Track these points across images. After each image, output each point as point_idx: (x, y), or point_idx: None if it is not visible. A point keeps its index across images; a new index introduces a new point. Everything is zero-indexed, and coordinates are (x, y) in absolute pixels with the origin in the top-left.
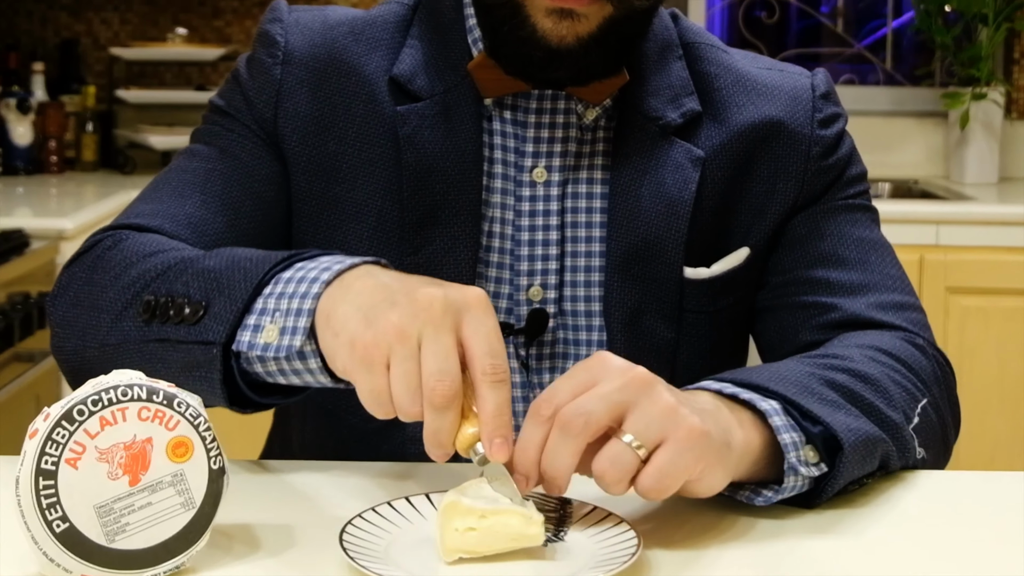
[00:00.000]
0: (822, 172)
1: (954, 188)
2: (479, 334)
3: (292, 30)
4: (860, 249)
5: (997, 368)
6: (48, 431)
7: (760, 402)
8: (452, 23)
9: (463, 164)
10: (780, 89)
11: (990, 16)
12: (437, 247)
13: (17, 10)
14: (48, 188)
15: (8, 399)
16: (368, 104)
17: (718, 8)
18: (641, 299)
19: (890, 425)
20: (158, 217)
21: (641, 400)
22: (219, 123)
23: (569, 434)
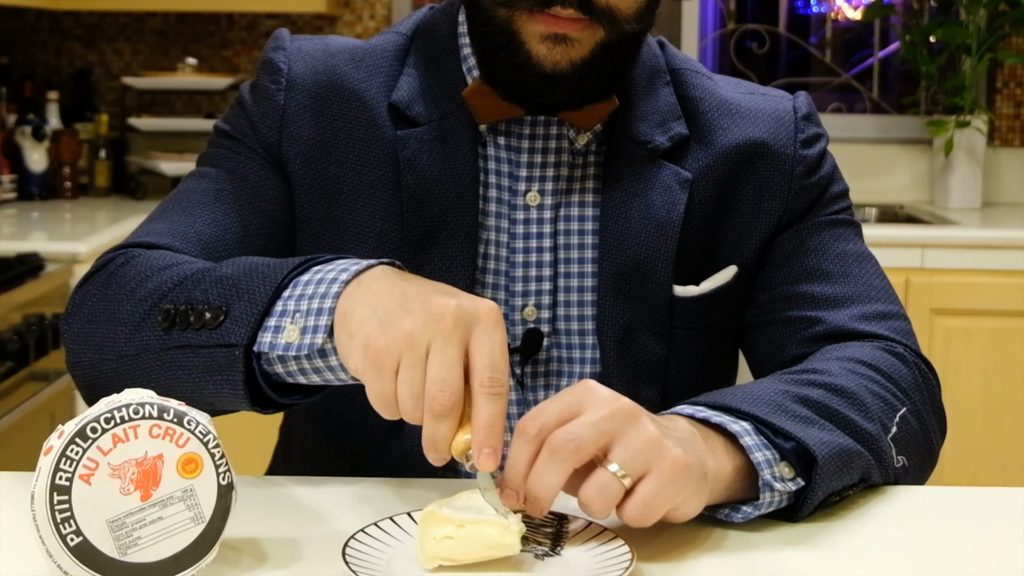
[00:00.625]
0: (805, 190)
1: (939, 213)
2: (484, 347)
3: (295, 57)
4: (843, 262)
5: (980, 386)
6: (62, 448)
7: (731, 424)
8: (447, 52)
9: (460, 187)
10: (763, 112)
11: (973, 47)
12: (435, 267)
13: (32, 41)
14: (62, 213)
15: (23, 417)
16: (369, 128)
17: (710, 39)
18: (633, 317)
19: (866, 437)
20: (168, 235)
21: (627, 431)
22: (225, 146)
23: (558, 458)
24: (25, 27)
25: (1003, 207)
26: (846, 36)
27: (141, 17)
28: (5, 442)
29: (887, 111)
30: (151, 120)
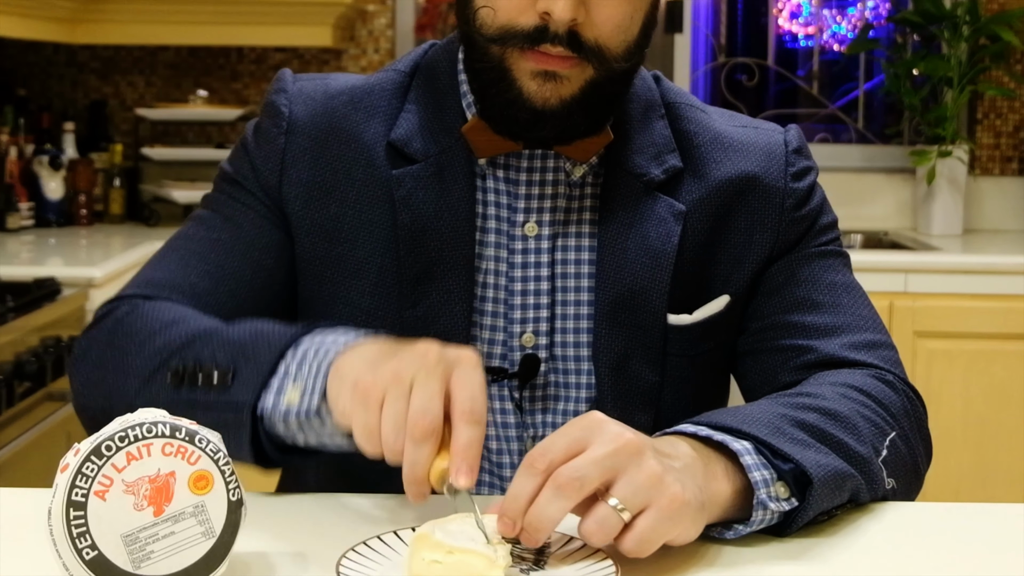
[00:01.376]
0: (796, 222)
1: (921, 239)
2: (464, 384)
3: (296, 100)
4: (833, 293)
5: (962, 407)
6: (78, 465)
7: (732, 443)
8: (447, 89)
9: (456, 222)
10: (755, 145)
11: (955, 79)
12: (434, 300)
13: (50, 73)
14: (78, 239)
15: (40, 435)
16: (366, 169)
17: (702, 71)
18: (627, 345)
19: (858, 459)
20: (164, 288)
21: (630, 467)
22: (227, 191)
23: (562, 494)
24: (43, 60)
25: (984, 234)
26: (832, 69)
27: (154, 51)
28: (23, 460)
29: (872, 141)
30: (164, 150)
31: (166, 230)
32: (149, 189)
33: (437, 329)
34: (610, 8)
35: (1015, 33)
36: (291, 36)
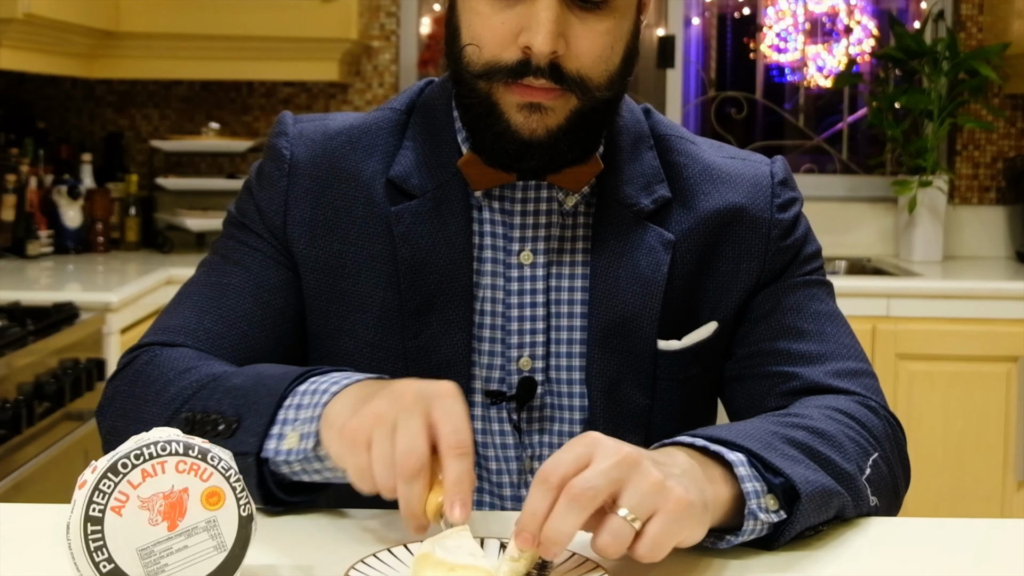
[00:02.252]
0: (781, 252)
1: (903, 265)
2: (447, 417)
3: (296, 143)
4: (817, 321)
5: (942, 426)
6: (96, 482)
7: (728, 454)
8: (443, 125)
9: (454, 255)
10: (742, 177)
11: (935, 112)
12: (435, 330)
13: (68, 107)
14: (95, 266)
15: (59, 453)
16: (366, 206)
17: (693, 105)
18: (619, 369)
19: (845, 476)
20: (182, 333)
21: (633, 477)
22: (235, 236)
23: (577, 505)
24: (61, 94)
25: (963, 260)
26: (818, 102)
27: (168, 85)
28: (42, 477)
29: (855, 172)
30: (177, 180)
31: (180, 257)
32: (163, 217)
33: (439, 358)
34: (590, 40)
35: (992, 68)
36: (299, 71)
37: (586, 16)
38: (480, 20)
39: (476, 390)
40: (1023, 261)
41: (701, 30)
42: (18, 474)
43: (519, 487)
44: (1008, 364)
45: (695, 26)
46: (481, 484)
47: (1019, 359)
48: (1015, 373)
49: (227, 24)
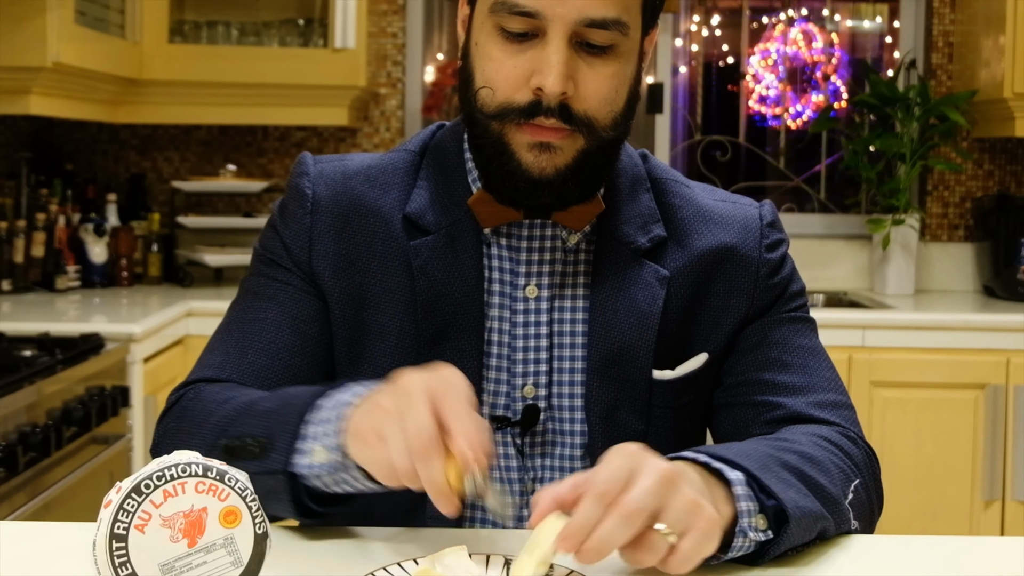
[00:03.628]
0: (769, 289)
1: (877, 298)
2: (448, 389)
3: (318, 182)
4: (801, 355)
5: (914, 449)
6: (120, 502)
7: (728, 472)
8: (455, 166)
9: (467, 287)
10: (733, 219)
11: (907, 155)
12: (448, 358)
13: (94, 150)
14: (120, 299)
15: (86, 475)
16: (385, 241)
17: (680, 148)
18: (616, 397)
19: (831, 500)
20: (226, 368)
21: (672, 496)
22: (265, 273)
23: (629, 523)
24: (88, 138)
25: (933, 293)
26: (797, 146)
27: (188, 129)
28: (70, 497)
29: (833, 211)
30: (197, 218)
31: (199, 290)
32: (183, 253)
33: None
34: (596, 83)
35: (961, 114)
36: (311, 116)
37: (593, 60)
38: (494, 65)
39: (483, 415)
40: (990, 295)
41: (688, 78)
42: (47, 494)
43: (521, 508)
44: (976, 391)
45: (682, 74)
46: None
47: (986, 387)
48: (982, 400)
49: (243, 72)
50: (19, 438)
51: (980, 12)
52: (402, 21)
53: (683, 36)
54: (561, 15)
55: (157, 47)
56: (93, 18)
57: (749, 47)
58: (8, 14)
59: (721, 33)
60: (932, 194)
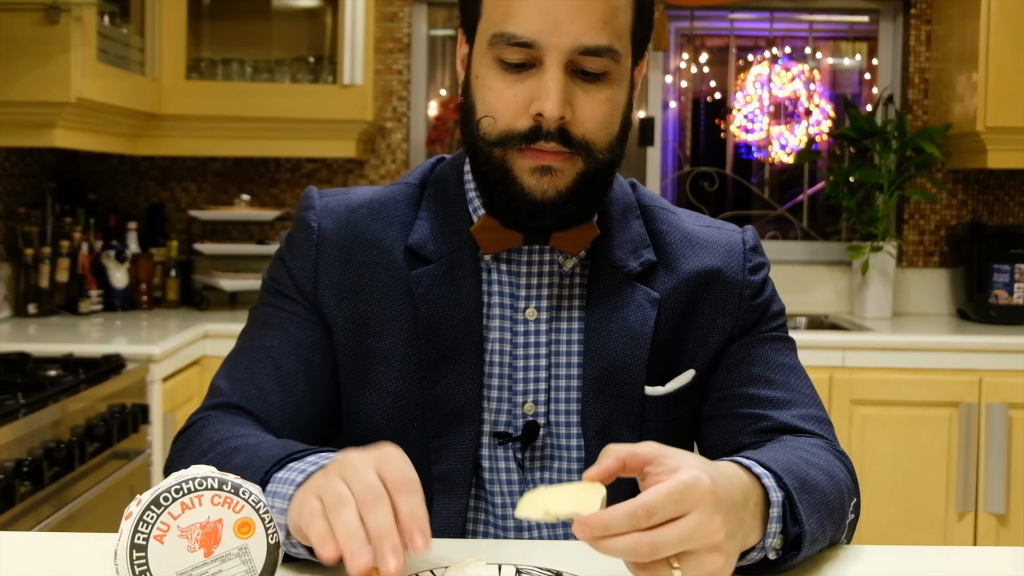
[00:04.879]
0: (752, 310)
1: (857, 321)
2: (390, 462)
3: (323, 215)
4: (783, 372)
5: (891, 463)
6: (140, 514)
7: (773, 493)
8: (455, 198)
9: (466, 313)
10: (718, 243)
11: (885, 185)
12: (449, 381)
13: (116, 181)
14: (140, 321)
15: (108, 488)
16: (388, 271)
17: (670, 179)
18: (611, 412)
19: (839, 523)
20: (235, 394)
21: (702, 545)
22: (272, 303)
23: (650, 554)
24: (110, 169)
25: (910, 316)
26: (781, 177)
27: (204, 161)
28: (92, 509)
29: (815, 238)
30: (213, 245)
31: (215, 313)
32: (200, 278)
33: (453, 404)
34: (592, 107)
35: (936, 146)
36: (321, 149)
37: (588, 87)
38: (494, 94)
39: (485, 432)
40: (964, 318)
41: (677, 112)
42: (71, 507)
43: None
44: (950, 409)
45: (672, 109)
46: (486, 516)
47: (960, 405)
48: (956, 417)
49: (257, 107)
50: (44, 453)
51: (954, 51)
52: (407, 59)
53: (673, 73)
54: (557, 44)
55: (175, 83)
56: (115, 56)
57: (735, 83)
58: (34, 52)
59: (709, 70)
60: (909, 222)
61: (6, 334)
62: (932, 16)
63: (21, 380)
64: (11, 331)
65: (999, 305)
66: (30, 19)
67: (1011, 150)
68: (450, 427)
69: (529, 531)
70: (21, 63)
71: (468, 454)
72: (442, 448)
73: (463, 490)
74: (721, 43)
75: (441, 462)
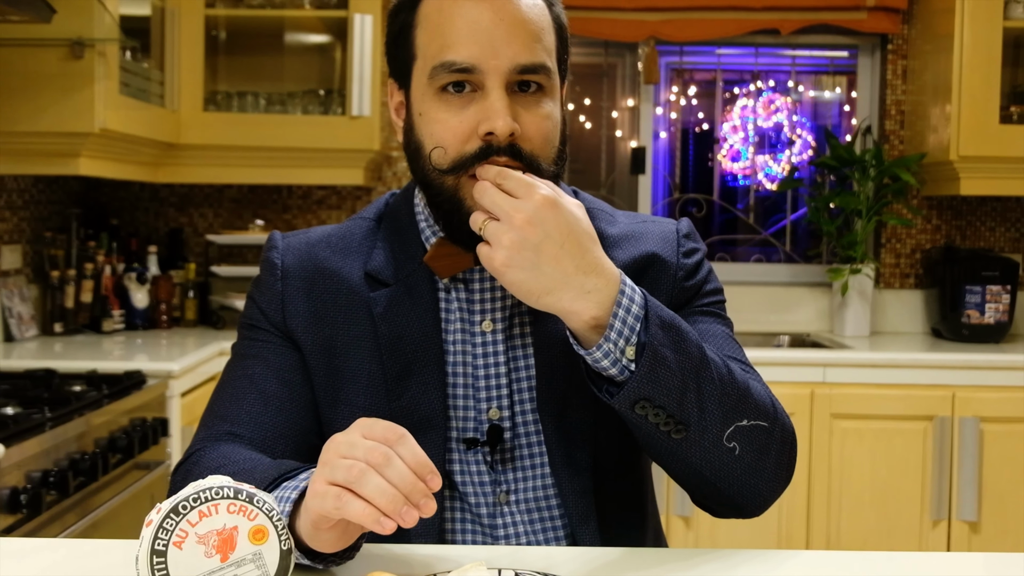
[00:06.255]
0: (686, 290)
1: (837, 340)
2: (390, 429)
3: (286, 253)
4: (717, 338)
5: (869, 474)
6: (160, 521)
7: (633, 291)
8: (408, 227)
9: (425, 328)
10: (654, 234)
11: (863, 211)
12: (414, 392)
13: (137, 207)
14: (160, 340)
15: (129, 497)
16: (348, 296)
17: (660, 205)
18: (565, 396)
19: (698, 372)
20: (227, 421)
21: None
22: (248, 336)
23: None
24: (131, 196)
25: (887, 335)
26: (765, 203)
27: (221, 188)
28: (115, 517)
29: (797, 261)
30: (228, 268)
31: (231, 332)
32: (217, 299)
33: (420, 414)
34: (536, 123)
35: (912, 174)
36: (330, 177)
37: (528, 103)
38: (441, 125)
39: (453, 438)
40: (938, 336)
41: (668, 142)
42: (95, 515)
43: (495, 516)
44: (925, 422)
45: (663, 139)
46: (464, 515)
47: (934, 418)
48: (931, 430)
49: (270, 137)
50: (70, 464)
51: (929, 84)
52: None
53: (663, 105)
54: (496, 66)
55: (193, 115)
56: (136, 89)
57: (722, 115)
58: (60, 86)
59: (697, 102)
60: (886, 246)
61: (33, 351)
62: (908, 51)
63: (48, 395)
64: (38, 349)
65: (971, 324)
66: (56, 55)
67: (982, 178)
68: (419, 435)
69: (505, 528)
70: (48, 96)
71: (438, 460)
72: None
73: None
74: (709, 77)
75: None
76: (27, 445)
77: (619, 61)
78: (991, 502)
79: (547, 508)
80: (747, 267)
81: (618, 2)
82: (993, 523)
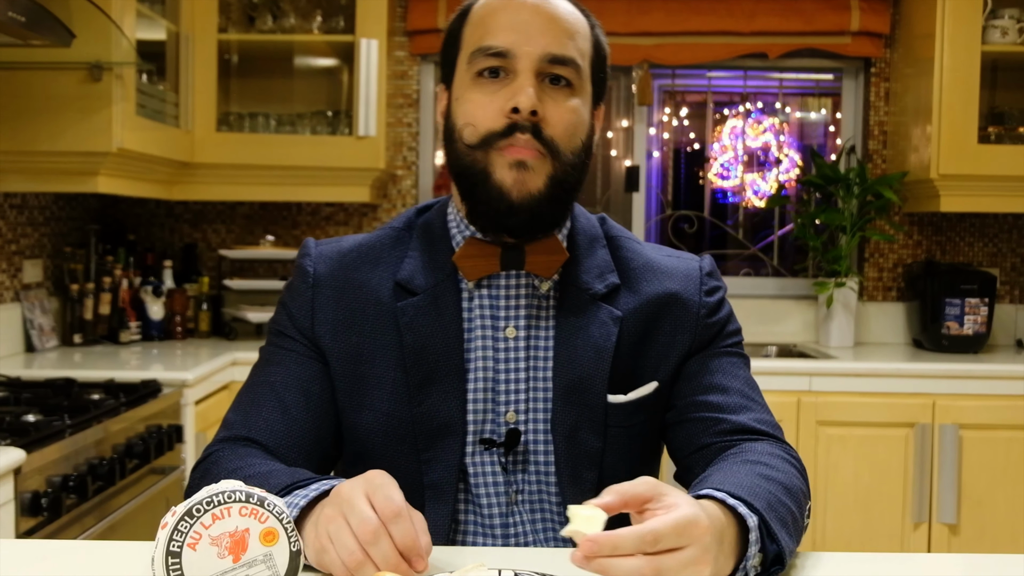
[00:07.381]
0: (708, 328)
1: (822, 350)
2: (378, 491)
3: (318, 261)
4: (738, 382)
5: (853, 479)
6: (175, 524)
7: (749, 518)
8: (441, 236)
9: (448, 339)
10: (677, 270)
11: (848, 227)
12: (435, 399)
13: (153, 223)
14: (174, 350)
15: (145, 501)
16: (376, 305)
17: (653, 221)
18: (577, 418)
19: (799, 531)
20: (244, 427)
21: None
22: (275, 343)
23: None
24: (147, 213)
25: (870, 346)
26: (754, 219)
27: (233, 205)
28: (131, 520)
29: (784, 274)
30: (241, 281)
31: (243, 343)
32: (229, 311)
33: (439, 420)
34: (560, 112)
35: (894, 192)
36: (338, 194)
37: (556, 94)
38: (474, 105)
39: (470, 442)
40: (919, 347)
41: (660, 161)
42: (112, 518)
43: (506, 516)
44: (906, 429)
45: (655, 158)
46: (474, 517)
47: (915, 425)
48: (912, 437)
49: (280, 157)
50: (88, 469)
51: (910, 106)
52: (416, 113)
53: (656, 126)
54: (528, 52)
55: (206, 135)
56: (152, 110)
57: (713, 135)
58: (79, 107)
59: (689, 123)
60: (869, 260)
61: (54, 361)
62: (890, 74)
63: (67, 403)
64: (58, 359)
65: (951, 335)
66: (75, 77)
67: (962, 195)
68: (437, 440)
69: (515, 527)
70: (67, 117)
71: (454, 463)
72: (431, 460)
73: (451, 496)
74: (700, 98)
75: (431, 472)
76: (48, 451)
77: (614, 84)
78: (969, 505)
79: (550, 511)
80: (736, 280)
81: (613, 27)
82: (971, 526)
